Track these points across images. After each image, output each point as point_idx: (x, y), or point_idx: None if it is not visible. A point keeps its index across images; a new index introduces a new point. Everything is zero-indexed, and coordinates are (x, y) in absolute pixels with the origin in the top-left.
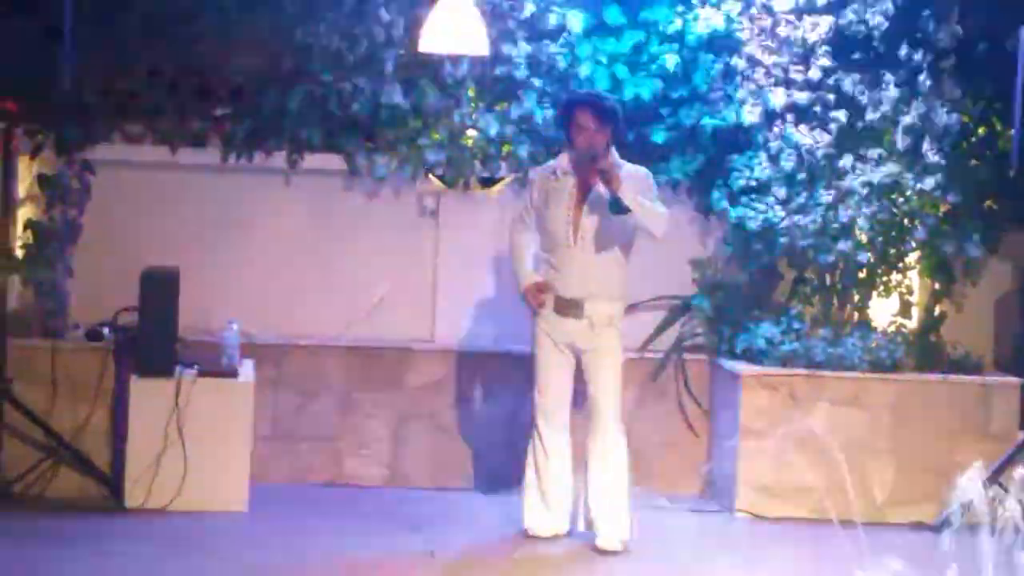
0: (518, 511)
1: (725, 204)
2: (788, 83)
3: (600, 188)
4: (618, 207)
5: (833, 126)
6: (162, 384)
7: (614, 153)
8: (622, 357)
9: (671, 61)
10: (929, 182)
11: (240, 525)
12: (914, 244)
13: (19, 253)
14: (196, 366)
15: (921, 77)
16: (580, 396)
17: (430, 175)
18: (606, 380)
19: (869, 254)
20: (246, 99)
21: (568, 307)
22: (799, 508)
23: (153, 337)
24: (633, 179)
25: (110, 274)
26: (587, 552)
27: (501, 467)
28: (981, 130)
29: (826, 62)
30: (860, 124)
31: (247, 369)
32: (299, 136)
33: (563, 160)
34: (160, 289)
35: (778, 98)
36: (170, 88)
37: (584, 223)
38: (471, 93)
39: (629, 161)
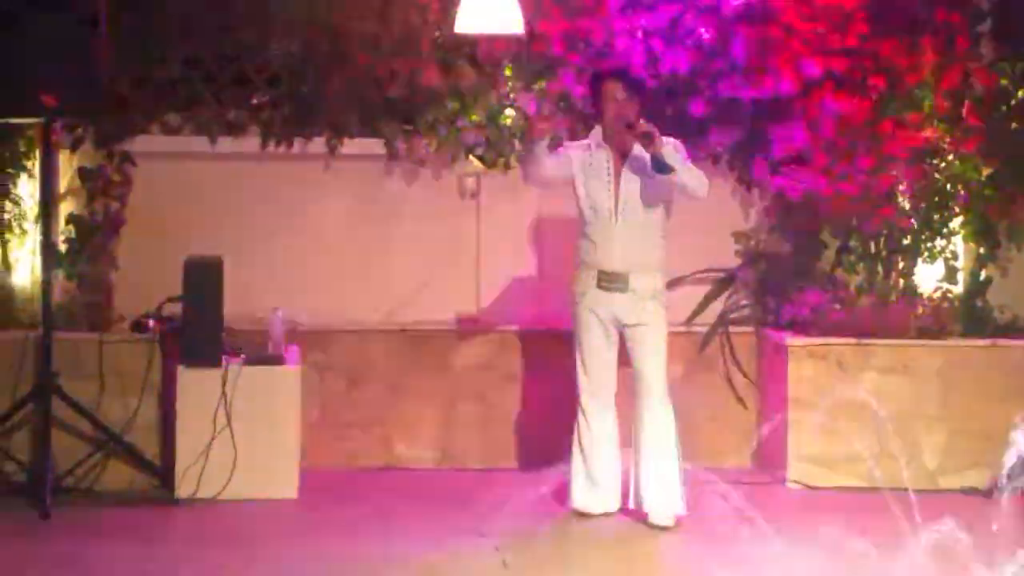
0: (566, 490)
1: (766, 175)
2: (826, 51)
3: (639, 152)
4: (661, 166)
5: (872, 92)
6: (209, 373)
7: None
8: (667, 330)
9: (707, 33)
10: (970, 146)
11: (291, 513)
12: (957, 209)
13: (62, 247)
14: (242, 354)
15: (959, 40)
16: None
17: (470, 156)
18: (652, 354)
19: (912, 220)
20: (283, 86)
21: (612, 281)
22: (850, 477)
23: (198, 326)
24: (664, 141)
25: (154, 265)
26: (639, 529)
27: (549, 445)
28: (1021, 92)
29: (863, 29)
30: (899, 89)
31: (293, 356)
32: (337, 121)
33: (596, 135)
34: (204, 278)
35: (816, 66)
36: (207, 77)
37: (624, 195)
38: (508, 72)
39: (664, 135)
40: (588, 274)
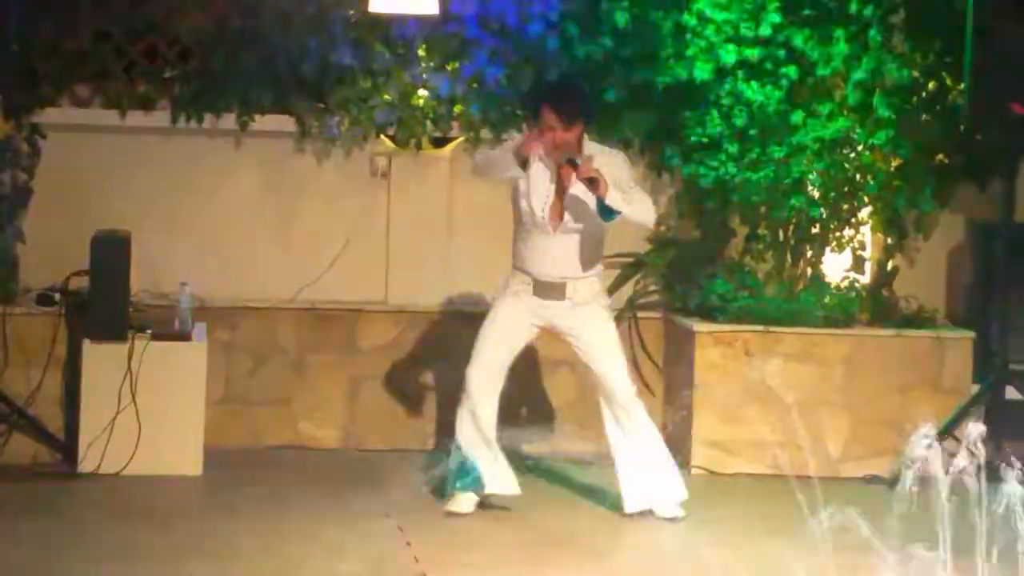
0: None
1: (677, 161)
2: (739, 39)
3: (579, 190)
4: (607, 213)
5: (784, 82)
6: (115, 348)
7: (588, 145)
8: (613, 327)
9: (622, 19)
10: (880, 137)
11: (194, 489)
12: (866, 199)
13: None
14: (149, 330)
15: (871, 32)
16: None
17: (381, 136)
18: (607, 355)
19: (821, 209)
20: (195, 61)
21: (548, 290)
22: (753, 463)
23: (105, 301)
24: (609, 167)
25: (61, 238)
26: (542, 507)
27: (453, 428)
28: (931, 85)
29: (776, 18)
30: (811, 79)
31: (200, 332)
32: (249, 98)
33: (538, 145)
34: (111, 252)
35: (729, 54)
36: (118, 51)
37: (564, 212)
38: (421, 53)
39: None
40: (522, 279)
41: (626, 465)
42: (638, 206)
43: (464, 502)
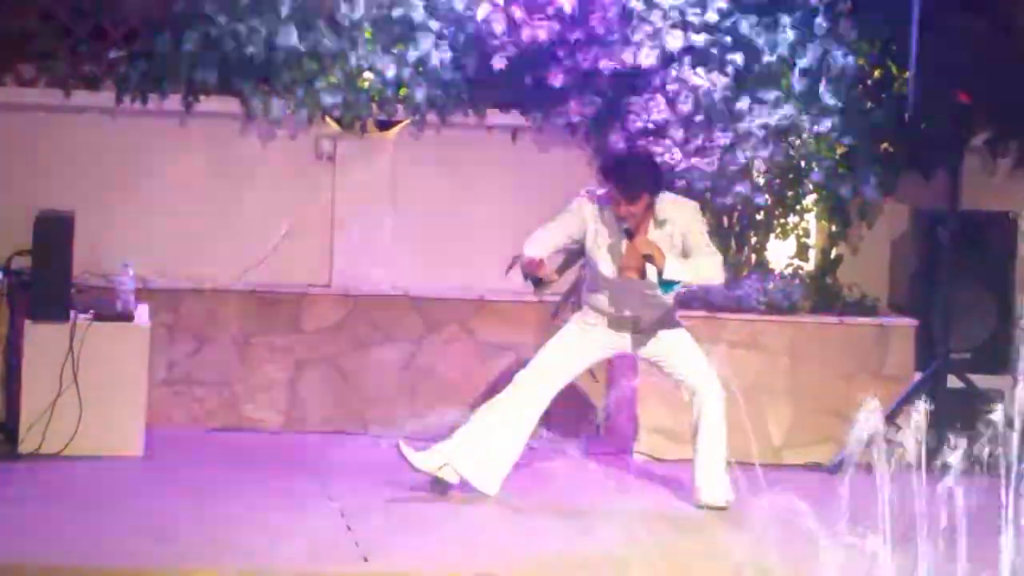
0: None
1: (623, 147)
2: (685, 25)
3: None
4: (669, 286)
5: (730, 68)
6: (56, 328)
7: (661, 201)
8: (687, 335)
9: (568, 3)
10: (825, 124)
11: (135, 470)
12: (811, 186)
13: None
14: (91, 310)
15: (817, 19)
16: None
17: (327, 118)
18: (696, 367)
19: (766, 196)
20: (140, 41)
21: (623, 324)
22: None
23: (47, 281)
24: (679, 222)
25: (3, 218)
26: (483, 496)
27: (396, 410)
28: (877, 73)
29: (723, 4)
30: (757, 66)
31: (143, 313)
32: (194, 79)
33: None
34: (54, 233)
35: (675, 40)
36: (63, 30)
37: (636, 264)
38: (368, 35)
39: (529, 103)
40: (595, 316)
41: (705, 460)
42: (702, 269)
43: (450, 471)
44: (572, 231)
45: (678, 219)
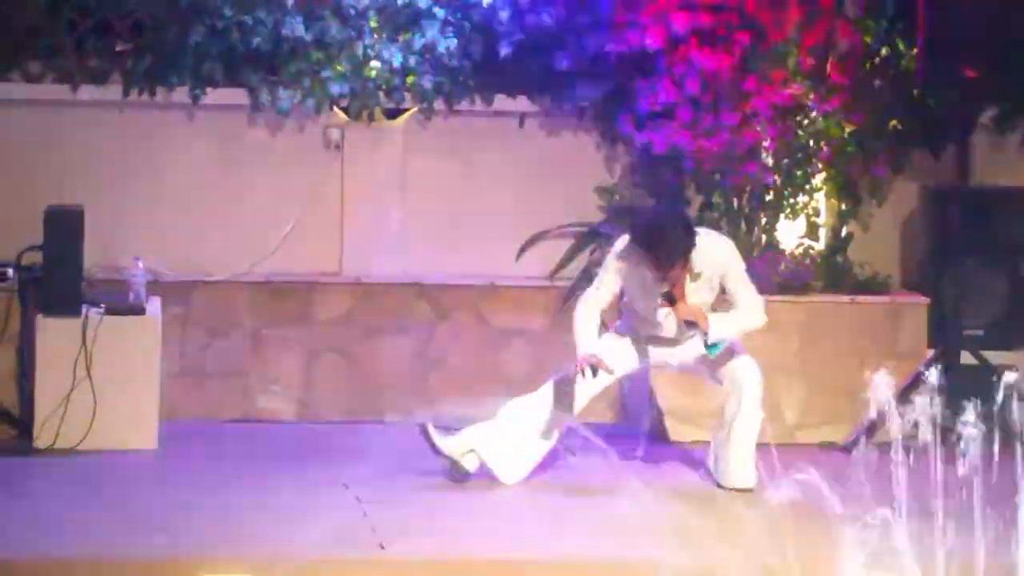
0: (424, 442)
1: (631, 130)
2: (691, 6)
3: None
4: (715, 347)
5: (737, 48)
6: (69, 323)
7: (696, 253)
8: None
9: None
10: (833, 103)
11: (150, 463)
12: (820, 165)
13: None
14: (103, 304)
15: None
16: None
17: (334, 108)
18: (741, 362)
19: (775, 176)
20: (147, 34)
21: (663, 342)
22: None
23: (58, 276)
24: (716, 265)
25: (14, 214)
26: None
27: (410, 399)
28: (884, 50)
29: None
30: (763, 46)
31: (154, 306)
32: (201, 71)
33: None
34: (64, 227)
35: (681, 21)
36: (69, 25)
37: (678, 314)
38: (373, 24)
39: (536, 88)
40: (637, 336)
41: (738, 445)
42: (745, 322)
43: (473, 458)
44: (614, 288)
45: (715, 264)
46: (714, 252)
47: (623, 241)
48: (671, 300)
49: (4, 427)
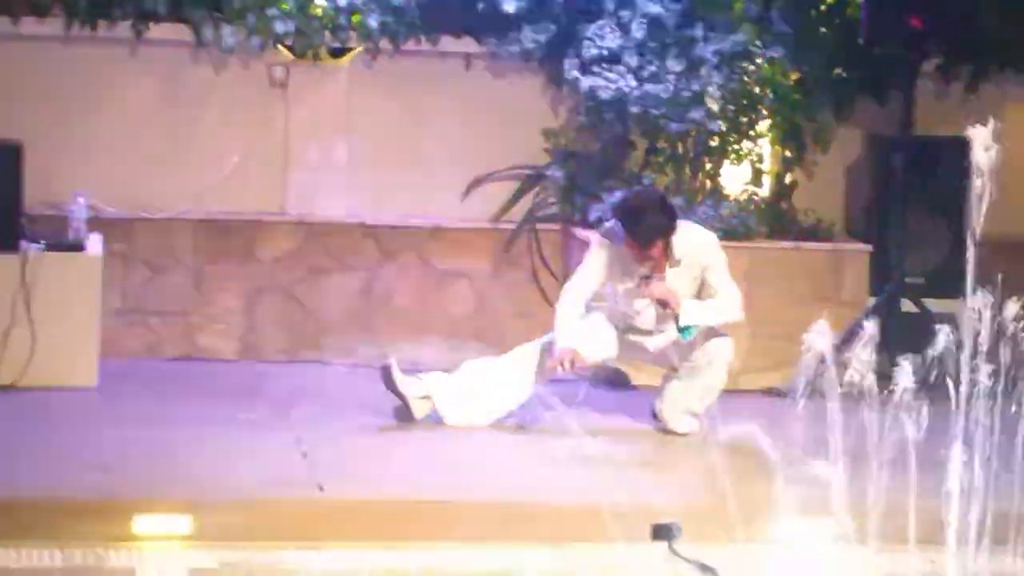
0: (367, 383)
1: (577, 74)
2: None
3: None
4: (687, 331)
5: None
6: (7, 259)
7: (678, 238)
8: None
9: None
10: (778, 50)
11: (90, 400)
12: (765, 112)
13: None
14: (42, 240)
15: None
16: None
17: (279, 45)
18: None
19: (720, 122)
20: None
21: (641, 332)
22: (652, 376)
23: None
24: (697, 256)
25: None
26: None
27: (352, 340)
28: None
29: None
30: None
31: (95, 243)
32: (144, 6)
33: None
34: (3, 162)
35: None
36: None
37: (653, 291)
38: None
39: (483, 30)
40: (615, 326)
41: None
42: (721, 312)
43: (425, 404)
44: (599, 277)
45: (696, 255)
46: (696, 242)
47: (605, 228)
48: (647, 280)
49: None
